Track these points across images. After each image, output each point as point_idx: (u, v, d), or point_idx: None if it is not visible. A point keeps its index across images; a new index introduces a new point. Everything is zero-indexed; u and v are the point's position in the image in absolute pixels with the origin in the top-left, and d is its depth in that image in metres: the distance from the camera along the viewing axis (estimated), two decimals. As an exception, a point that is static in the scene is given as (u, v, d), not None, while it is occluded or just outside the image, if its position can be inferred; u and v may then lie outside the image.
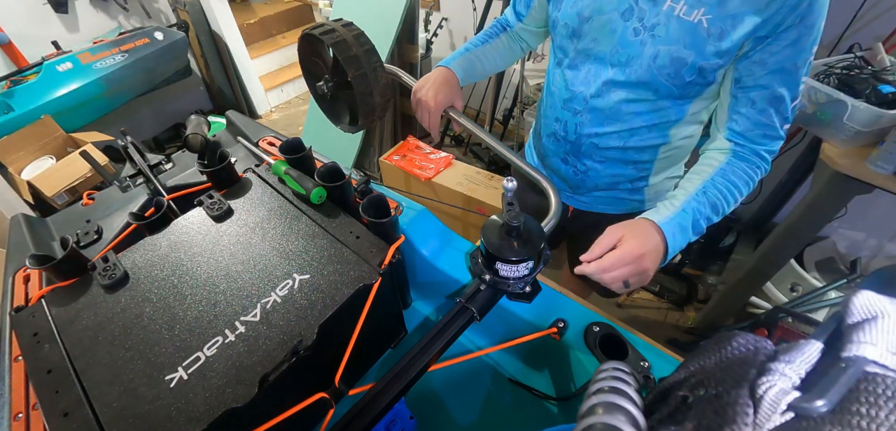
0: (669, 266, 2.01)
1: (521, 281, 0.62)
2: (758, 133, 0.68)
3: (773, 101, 0.65)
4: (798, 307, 1.53)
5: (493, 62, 0.99)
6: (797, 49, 0.61)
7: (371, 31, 0.98)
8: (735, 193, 0.69)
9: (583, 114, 0.82)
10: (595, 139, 0.84)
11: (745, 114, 0.68)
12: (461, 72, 0.93)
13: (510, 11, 0.99)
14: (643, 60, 0.70)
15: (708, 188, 0.69)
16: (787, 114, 0.67)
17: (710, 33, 0.63)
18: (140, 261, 0.62)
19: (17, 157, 2.21)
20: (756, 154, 0.70)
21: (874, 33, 1.46)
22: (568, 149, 0.90)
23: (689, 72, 0.67)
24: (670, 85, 0.70)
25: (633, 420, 0.29)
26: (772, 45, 0.61)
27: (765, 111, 0.66)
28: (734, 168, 0.70)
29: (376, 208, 0.67)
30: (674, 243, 0.65)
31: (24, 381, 0.56)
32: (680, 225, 0.66)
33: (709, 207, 0.68)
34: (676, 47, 0.66)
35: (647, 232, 0.64)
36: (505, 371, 0.71)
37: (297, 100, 4.00)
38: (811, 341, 0.24)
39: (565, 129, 0.87)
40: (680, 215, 0.66)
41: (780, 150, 0.72)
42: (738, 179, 0.69)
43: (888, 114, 1.09)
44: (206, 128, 1.08)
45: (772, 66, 0.63)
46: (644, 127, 0.79)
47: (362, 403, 0.51)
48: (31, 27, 2.80)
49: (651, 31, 0.67)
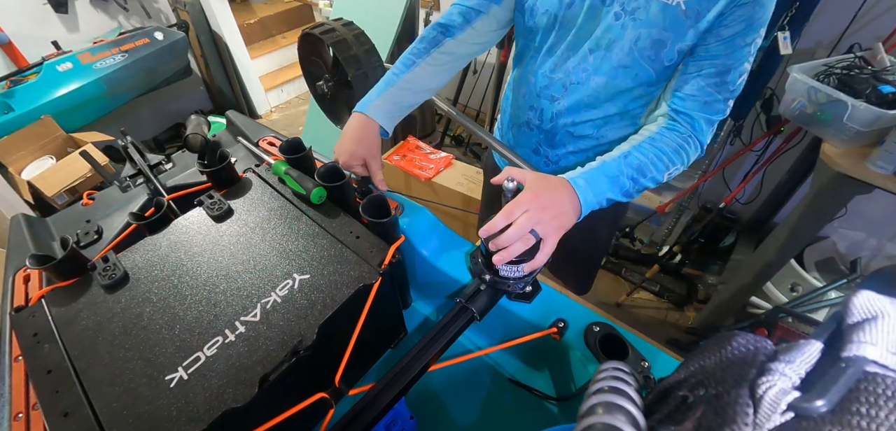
0: (669, 266, 2.01)
1: (522, 281, 0.62)
2: (699, 102, 0.70)
3: (721, 73, 0.67)
4: (798, 307, 1.53)
5: (427, 84, 0.84)
6: (749, 25, 0.63)
7: (371, 31, 0.98)
8: (664, 158, 0.70)
9: (560, 100, 0.82)
10: (570, 127, 0.84)
11: (691, 81, 0.70)
12: (383, 115, 0.80)
13: (456, 14, 0.84)
14: (624, 44, 0.71)
15: (632, 152, 0.70)
16: (733, 88, 0.69)
17: (687, 15, 0.65)
18: (140, 261, 0.62)
19: (18, 157, 2.21)
20: (691, 126, 0.71)
21: (874, 33, 1.46)
22: (541, 138, 0.90)
23: (669, 55, 0.69)
24: (649, 68, 0.71)
25: (633, 420, 0.29)
26: (727, 18, 0.64)
27: (710, 80, 0.68)
28: (664, 136, 0.71)
29: (376, 208, 0.67)
30: (584, 196, 0.64)
31: (24, 381, 0.56)
32: (593, 180, 0.66)
33: (633, 169, 0.68)
34: (657, 30, 0.67)
35: (552, 180, 0.64)
36: (505, 371, 0.71)
37: (297, 100, 4.00)
38: (811, 341, 0.24)
39: (541, 118, 0.86)
40: (593, 173, 0.67)
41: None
42: (666, 147, 0.70)
43: (888, 114, 1.09)
44: (206, 128, 1.08)
45: (725, 37, 0.65)
46: (617, 114, 0.80)
47: (362, 403, 0.51)
48: (31, 27, 2.80)
49: (632, 14, 0.68)
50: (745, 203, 2.07)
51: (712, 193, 2.18)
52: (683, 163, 0.72)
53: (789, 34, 1.41)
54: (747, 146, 1.86)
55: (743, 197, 2.03)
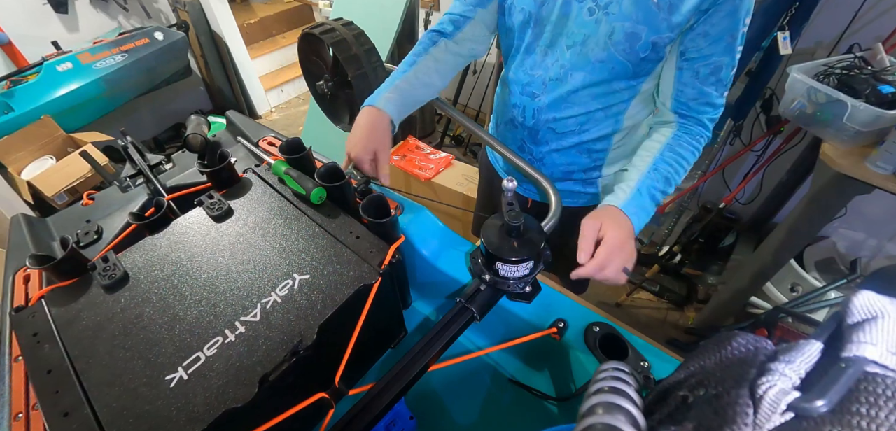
0: (669, 266, 2.01)
1: (521, 281, 0.62)
2: (702, 102, 0.74)
3: (715, 71, 0.70)
4: (798, 307, 1.53)
5: (431, 80, 0.86)
6: (734, 19, 0.65)
7: (371, 31, 0.98)
8: (683, 164, 0.76)
9: (541, 97, 0.83)
10: (552, 124, 0.85)
11: (690, 84, 0.73)
12: (393, 107, 0.80)
13: (447, 22, 0.87)
14: (599, 38, 0.72)
15: (658, 164, 0.75)
16: (726, 82, 0.72)
17: (660, 7, 0.66)
18: (140, 261, 0.62)
19: (18, 157, 2.21)
20: (699, 124, 0.76)
21: (874, 33, 1.46)
22: (525, 134, 0.91)
23: (644, 48, 0.70)
24: (625, 61, 0.73)
25: (633, 420, 0.29)
26: (712, 16, 0.65)
27: (707, 80, 0.71)
28: (680, 140, 0.76)
29: (376, 208, 0.67)
30: (637, 221, 0.70)
31: (24, 381, 0.56)
32: (640, 205, 0.72)
33: (662, 181, 0.74)
34: (631, 23, 0.68)
35: (618, 216, 0.70)
36: (505, 371, 0.71)
37: (297, 100, 4.00)
38: (811, 341, 0.24)
39: (523, 115, 0.88)
40: (636, 195, 0.72)
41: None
42: (684, 150, 0.75)
43: (888, 115, 1.09)
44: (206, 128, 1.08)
45: (714, 36, 0.67)
46: (599, 109, 0.81)
47: (362, 403, 0.51)
48: (31, 27, 2.80)
49: (605, 9, 0.70)
50: (745, 203, 2.07)
51: (712, 193, 2.18)
52: (696, 158, 0.77)
53: (789, 34, 1.41)
54: (747, 146, 1.86)
55: (743, 197, 2.03)
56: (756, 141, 1.82)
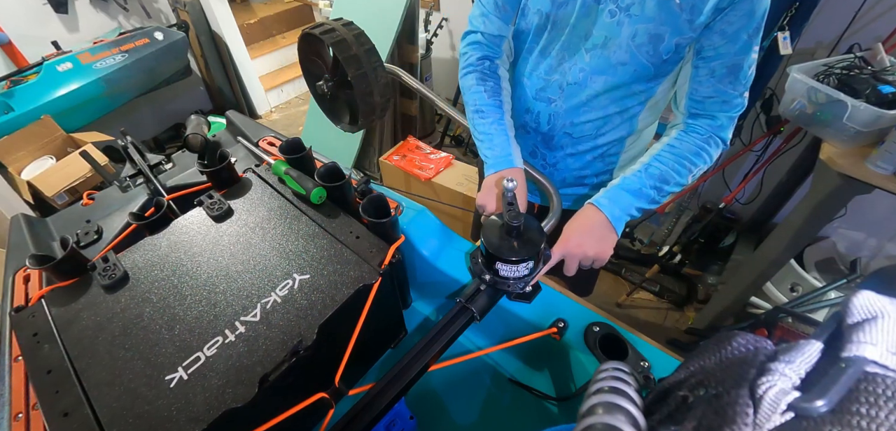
0: (669, 266, 2.01)
1: (521, 282, 0.62)
2: (717, 102, 0.72)
3: (733, 70, 0.69)
4: (798, 307, 1.53)
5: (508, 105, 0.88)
6: (751, 17, 0.64)
7: (371, 31, 0.98)
8: (685, 162, 0.73)
9: (558, 101, 0.82)
10: (569, 128, 0.84)
11: (705, 82, 0.71)
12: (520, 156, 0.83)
13: (485, 44, 0.85)
14: (621, 41, 0.71)
15: (652, 163, 0.74)
16: (745, 81, 0.70)
17: (682, 9, 0.65)
18: (140, 261, 0.62)
19: (18, 157, 2.21)
20: (711, 127, 0.74)
21: (874, 33, 1.46)
22: (539, 140, 0.89)
23: (667, 49, 0.69)
24: (648, 63, 0.72)
25: (633, 420, 0.29)
26: (729, 14, 0.64)
27: (724, 79, 0.70)
28: (683, 141, 0.74)
29: (376, 208, 0.67)
30: (610, 213, 0.72)
31: (24, 381, 0.56)
32: (613, 197, 0.73)
33: (654, 178, 0.73)
34: (654, 25, 0.67)
35: (587, 208, 0.73)
36: (505, 371, 0.71)
37: (297, 100, 4.00)
38: (811, 341, 0.24)
39: (537, 120, 0.86)
40: (614, 190, 0.74)
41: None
42: (687, 151, 0.74)
43: (888, 114, 1.09)
44: (206, 128, 1.08)
45: (730, 35, 0.66)
46: (616, 113, 0.80)
47: (362, 403, 0.51)
48: (31, 27, 2.80)
49: (627, 11, 0.69)
50: (745, 203, 2.07)
51: (712, 193, 2.18)
52: (706, 162, 0.75)
53: (789, 34, 1.41)
54: (747, 146, 1.86)
55: (743, 197, 2.03)
56: (756, 141, 1.82)
